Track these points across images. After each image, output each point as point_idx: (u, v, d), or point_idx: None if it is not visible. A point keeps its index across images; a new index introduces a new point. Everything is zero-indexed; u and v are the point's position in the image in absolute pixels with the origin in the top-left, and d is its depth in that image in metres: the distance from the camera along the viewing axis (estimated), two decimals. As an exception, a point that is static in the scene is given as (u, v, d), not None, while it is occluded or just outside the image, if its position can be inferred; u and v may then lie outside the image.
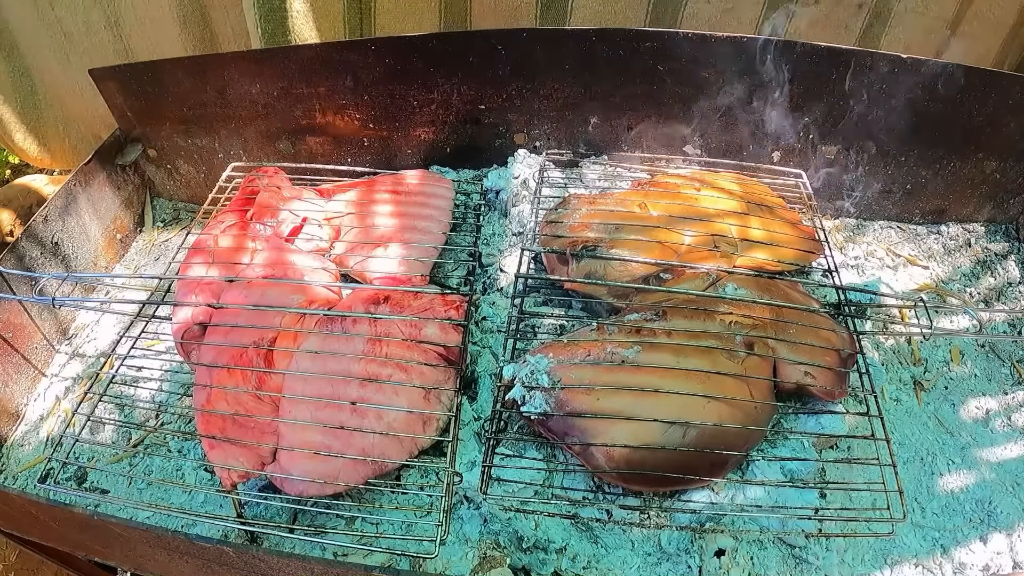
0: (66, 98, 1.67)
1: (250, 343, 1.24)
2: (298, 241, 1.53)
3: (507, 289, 1.50)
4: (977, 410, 1.37)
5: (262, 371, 1.22)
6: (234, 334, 1.27)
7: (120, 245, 1.79)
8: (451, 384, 1.26)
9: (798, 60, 1.58)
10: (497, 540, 1.13)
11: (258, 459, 1.16)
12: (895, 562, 1.14)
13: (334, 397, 1.19)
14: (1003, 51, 1.86)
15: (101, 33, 1.88)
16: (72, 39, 1.89)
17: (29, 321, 1.45)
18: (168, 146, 1.82)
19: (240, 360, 1.23)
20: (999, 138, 1.63)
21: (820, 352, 1.24)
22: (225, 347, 1.24)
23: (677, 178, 1.62)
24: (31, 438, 1.38)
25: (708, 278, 1.35)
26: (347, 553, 1.13)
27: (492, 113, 1.76)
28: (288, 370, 1.22)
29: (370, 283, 1.46)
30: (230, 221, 1.53)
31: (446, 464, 1.16)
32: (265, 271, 1.39)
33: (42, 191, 2.34)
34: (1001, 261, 1.66)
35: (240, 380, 1.21)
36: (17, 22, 1.89)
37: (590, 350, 1.20)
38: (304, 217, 1.55)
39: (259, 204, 1.55)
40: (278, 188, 1.59)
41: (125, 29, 1.87)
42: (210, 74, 1.67)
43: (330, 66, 1.66)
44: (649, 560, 1.12)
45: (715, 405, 1.13)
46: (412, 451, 1.20)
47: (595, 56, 1.64)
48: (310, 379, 1.21)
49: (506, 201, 1.68)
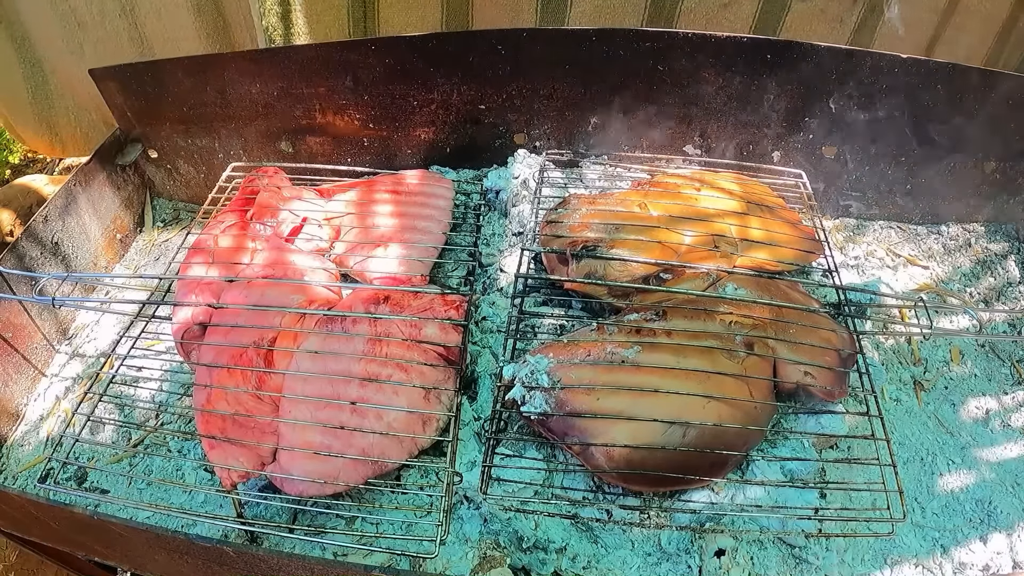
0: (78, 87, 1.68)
1: (250, 343, 1.24)
2: (298, 241, 1.53)
3: (507, 289, 1.50)
4: (977, 410, 1.37)
5: (262, 371, 1.22)
6: (234, 334, 1.27)
7: (120, 245, 1.79)
8: (451, 384, 1.26)
9: (798, 60, 1.58)
10: (497, 540, 1.13)
11: (258, 459, 1.16)
12: (895, 562, 1.14)
13: (334, 397, 1.19)
14: (998, 45, 1.86)
15: (116, 21, 1.89)
16: (86, 28, 1.90)
17: (29, 321, 1.45)
18: (168, 146, 1.82)
19: (240, 360, 1.23)
20: (999, 138, 1.63)
21: (820, 352, 1.24)
22: (225, 347, 1.24)
23: (677, 178, 1.62)
24: (31, 438, 1.38)
25: (708, 278, 1.35)
26: (347, 553, 1.13)
27: (492, 113, 1.76)
28: (288, 370, 1.22)
29: (370, 283, 1.46)
30: (230, 221, 1.53)
31: (446, 464, 1.16)
32: (265, 271, 1.39)
33: (42, 191, 2.34)
34: (1001, 261, 1.66)
35: (240, 380, 1.21)
36: (29, 13, 1.90)
37: (590, 350, 1.20)
38: (304, 217, 1.55)
39: (259, 204, 1.55)
40: (278, 188, 1.59)
41: (140, 16, 1.89)
42: (210, 74, 1.67)
43: (330, 66, 1.66)
44: (649, 560, 1.12)
45: (715, 405, 1.13)
46: (412, 451, 1.20)
47: (595, 56, 1.64)
48: (310, 379, 1.21)
49: (506, 201, 1.68)
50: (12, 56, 1.95)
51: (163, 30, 1.91)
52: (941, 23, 1.85)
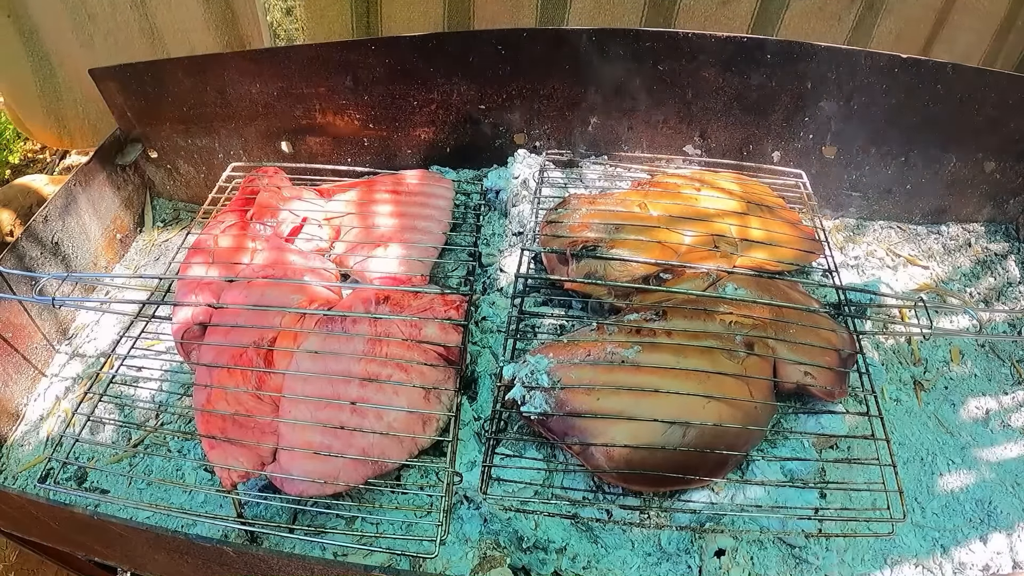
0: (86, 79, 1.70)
1: (250, 343, 1.24)
2: (298, 241, 1.53)
3: (507, 289, 1.50)
4: (977, 410, 1.37)
5: (262, 371, 1.22)
6: (234, 334, 1.26)
7: (120, 245, 1.79)
8: (451, 384, 1.26)
9: (798, 59, 1.58)
10: (497, 540, 1.13)
11: (258, 459, 1.16)
12: (895, 562, 1.14)
13: (334, 397, 1.19)
14: (996, 43, 1.86)
15: (126, 12, 1.90)
16: (96, 20, 1.91)
17: (29, 321, 1.45)
18: (168, 146, 1.82)
19: (240, 360, 1.23)
20: (999, 138, 1.63)
21: (820, 352, 1.24)
22: (225, 347, 1.24)
23: (677, 178, 1.62)
24: (31, 438, 1.38)
25: (708, 278, 1.35)
26: (347, 553, 1.13)
27: (492, 113, 1.76)
28: (288, 370, 1.22)
29: (370, 283, 1.46)
30: (230, 221, 1.53)
31: (446, 464, 1.16)
32: (265, 271, 1.39)
33: (42, 191, 2.34)
34: (1001, 261, 1.66)
35: (240, 380, 1.21)
36: (38, 7, 1.90)
37: (590, 350, 1.20)
38: (304, 217, 1.55)
39: (259, 204, 1.55)
40: (278, 188, 1.59)
41: (150, 8, 1.90)
42: (210, 74, 1.67)
43: (330, 66, 1.66)
44: (649, 560, 1.12)
45: (715, 405, 1.13)
46: (412, 451, 1.20)
47: (595, 56, 1.64)
48: (310, 379, 1.21)
49: (506, 201, 1.68)
50: (20, 50, 1.96)
51: (173, 21, 1.93)
52: (939, 20, 1.85)
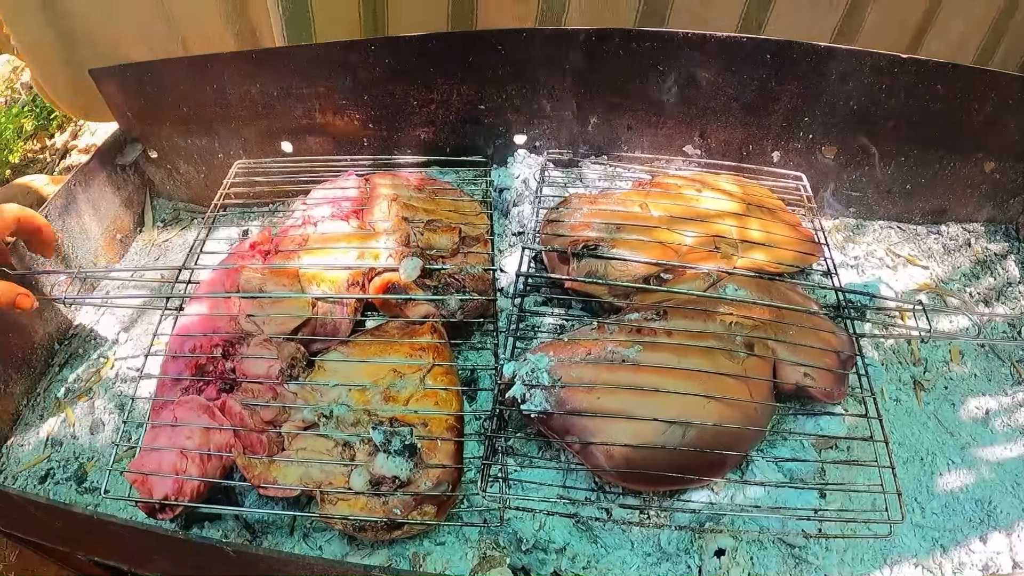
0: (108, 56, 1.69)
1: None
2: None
3: (507, 288, 1.50)
4: (977, 410, 1.37)
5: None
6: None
7: (120, 245, 1.79)
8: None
9: (798, 59, 1.58)
10: (497, 540, 1.13)
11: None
12: (895, 562, 1.14)
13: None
14: (993, 37, 1.87)
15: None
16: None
17: (29, 321, 1.45)
18: (168, 146, 1.82)
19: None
20: (999, 138, 1.63)
21: (819, 354, 1.24)
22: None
23: (678, 179, 1.62)
24: (31, 438, 1.38)
25: (708, 279, 1.35)
26: (347, 553, 1.13)
27: (492, 113, 1.76)
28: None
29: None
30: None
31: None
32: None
33: (42, 191, 2.34)
34: (1001, 261, 1.66)
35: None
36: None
37: (591, 349, 1.20)
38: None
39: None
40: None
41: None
42: (210, 74, 1.67)
43: (330, 66, 1.66)
44: (649, 560, 1.12)
45: (715, 405, 1.13)
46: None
47: (595, 56, 1.64)
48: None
49: (507, 201, 1.68)
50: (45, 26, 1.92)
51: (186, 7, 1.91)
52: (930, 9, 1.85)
